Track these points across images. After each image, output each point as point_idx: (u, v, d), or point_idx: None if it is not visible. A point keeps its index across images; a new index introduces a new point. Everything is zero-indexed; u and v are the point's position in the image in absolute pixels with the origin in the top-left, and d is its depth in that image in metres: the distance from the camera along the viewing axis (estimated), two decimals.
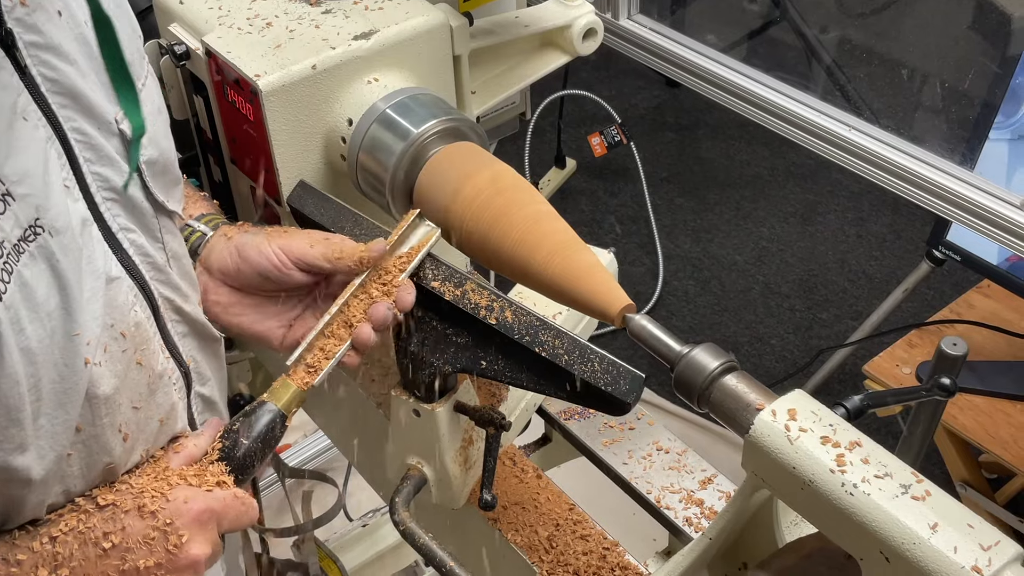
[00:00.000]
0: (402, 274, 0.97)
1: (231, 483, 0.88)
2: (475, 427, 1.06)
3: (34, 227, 0.71)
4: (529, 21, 1.28)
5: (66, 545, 0.79)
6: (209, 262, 1.02)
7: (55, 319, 0.72)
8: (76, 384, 0.75)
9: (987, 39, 1.90)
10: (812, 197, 3.59)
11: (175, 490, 0.84)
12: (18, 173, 0.70)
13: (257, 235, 1.01)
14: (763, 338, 3.09)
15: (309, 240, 0.98)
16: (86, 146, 0.78)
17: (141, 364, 0.84)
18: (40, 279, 0.71)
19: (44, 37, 0.74)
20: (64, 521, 0.80)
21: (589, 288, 0.93)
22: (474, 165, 1.04)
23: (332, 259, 0.96)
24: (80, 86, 0.77)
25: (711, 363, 0.86)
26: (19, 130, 0.71)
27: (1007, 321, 2.11)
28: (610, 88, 3.99)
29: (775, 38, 2.84)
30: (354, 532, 2.23)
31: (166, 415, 0.90)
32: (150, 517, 0.81)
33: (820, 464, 0.77)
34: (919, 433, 1.19)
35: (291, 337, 1.01)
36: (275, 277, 0.98)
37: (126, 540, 0.80)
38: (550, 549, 1.08)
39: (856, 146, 1.48)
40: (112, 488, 0.84)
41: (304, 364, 0.95)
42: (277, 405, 0.92)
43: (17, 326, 0.69)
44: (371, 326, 0.95)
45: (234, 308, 1.02)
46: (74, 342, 0.74)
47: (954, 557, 0.71)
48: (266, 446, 0.91)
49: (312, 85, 1.10)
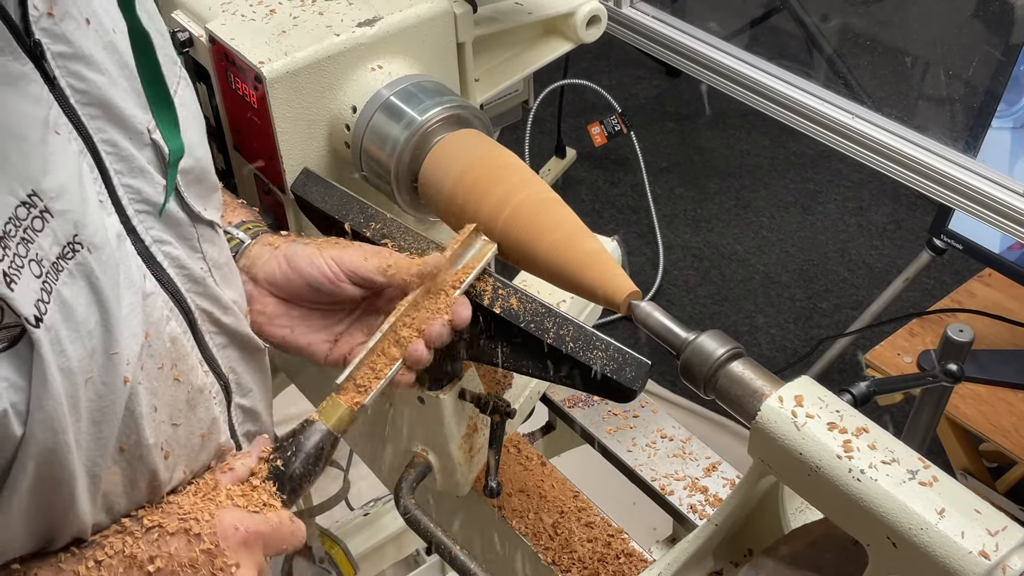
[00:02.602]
0: (457, 290, 0.93)
1: (279, 505, 0.85)
2: (480, 414, 1.06)
3: (72, 244, 0.69)
4: (533, 8, 1.27)
5: (111, 569, 0.77)
6: (255, 271, 0.99)
7: (95, 338, 0.71)
8: (114, 403, 0.73)
9: (990, 27, 1.89)
10: (812, 187, 3.58)
11: (221, 512, 0.81)
12: (56, 189, 0.68)
13: (308, 246, 0.98)
14: (763, 327, 3.09)
15: (363, 253, 0.95)
16: (117, 158, 0.76)
17: (179, 380, 0.82)
18: (79, 297, 0.69)
19: (73, 47, 0.71)
20: (110, 544, 0.78)
21: (594, 275, 0.93)
22: (478, 152, 1.04)
23: (387, 272, 0.94)
24: (111, 96, 0.75)
25: (717, 350, 0.86)
26: (52, 144, 0.69)
27: (1008, 310, 2.11)
28: (610, 78, 3.98)
29: (777, 26, 2.83)
30: (355, 520, 2.23)
31: (207, 430, 0.87)
32: (196, 540, 0.79)
33: (827, 450, 0.77)
34: (924, 419, 1.19)
35: (336, 352, 0.98)
36: (327, 289, 0.95)
37: (172, 564, 0.78)
38: (555, 536, 1.08)
39: (859, 134, 1.48)
40: (158, 508, 0.82)
41: (354, 383, 0.92)
42: (327, 424, 0.90)
43: (58, 347, 0.67)
44: (424, 343, 0.92)
45: (280, 320, 0.99)
46: (113, 360, 0.72)
47: (961, 542, 0.71)
48: (315, 466, 0.88)
49: (316, 72, 1.10)
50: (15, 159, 0.65)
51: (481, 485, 1.06)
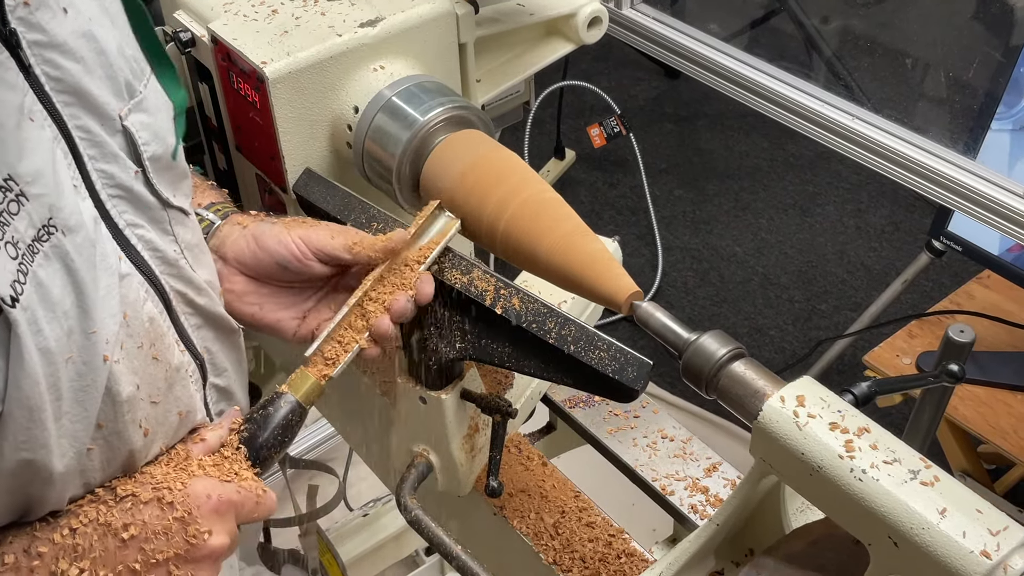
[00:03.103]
0: (421, 265, 0.96)
1: (251, 474, 0.87)
2: (481, 414, 1.06)
3: (47, 227, 0.71)
4: (534, 9, 1.28)
5: (86, 537, 0.78)
6: (224, 250, 1.01)
7: (71, 318, 0.72)
8: (95, 381, 0.75)
9: (990, 29, 1.90)
10: (811, 189, 3.59)
11: (194, 481, 0.83)
12: (31, 173, 0.70)
13: (275, 225, 1.00)
14: (762, 329, 3.09)
15: (329, 232, 0.97)
16: (90, 143, 0.78)
17: (157, 359, 0.84)
18: (55, 278, 0.71)
19: (48, 35, 0.73)
20: (84, 512, 0.79)
21: (596, 275, 0.93)
22: (480, 152, 1.04)
23: (352, 250, 0.96)
24: (85, 83, 0.77)
25: (719, 350, 0.86)
26: (27, 130, 0.71)
27: (1007, 312, 2.11)
28: (609, 79, 3.99)
29: (777, 28, 2.84)
30: (354, 522, 2.23)
31: (185, 408, 0.89)
32: (169, 508, 0.81)
33: (829, 450, 0.77)
34: (925, 420, 1.19)
35: (304, 328, 1.01)
36: (294, 267, 0.98)
37: (145, 531, 0.79)
38: (556, 536, 1.08)
39: (859, 135, 1.48)
40: (131, 478, 0.83)
41: (322, 356, 0.94)
42: (295, 396, 0.92)
43: (35, 327, 0.69)
44: (390, 318, 0.94)
45: (248, 297, 1.01)
46: (91, 340, 0.74)
47: (963, 542, 0.71)
48: (284, 436, 0.91)
49: (318, 72, 1.10)
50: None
51: (482, 485, 1.06)
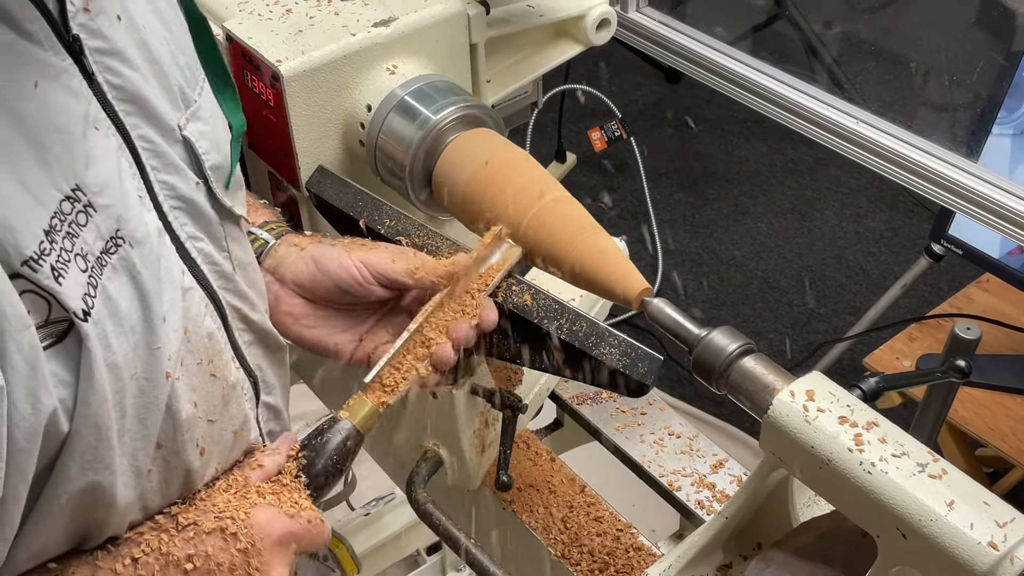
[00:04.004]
0: (483, 292, 0.94)
1: (309, 503, 0.85)
2: (491, 410, 1.08)
3: (115, 239, 0.69)
4: (544, 11, 1.29)
5: (148, 567, 0.76)
6: (281, 272, 0.99)
7: (138, 333, 0.71)
8: (157, 399, 0.73)
9: (991, 35, 1.91)
10: (810, 193, 3.60)
11: (256, 511, 0.81)
12: (98, 183, 0.68)
13: (335, 247, 0.98)
14: (761, 332, 3.11)
15: (390, 255, 0.96)
16: (152, 154, 0.76)
17: (215, 376, 0.82)
18: (123, 292, 0.70)
19: (108, 43, 0.72)
20: (145, 541, 0.78)
21: (608, 272, 0.94)
22: (492, 151, 1.06)
23: (415, 275, 0.94)
24: (144, 92, 0.75)
25: (729, 345, 0.88)
26: (93, 139, 0.69)
27: (1007, 315, 2.13)
28: (610, 83, 4.00)
29: (780, 33, 2.85)
30: (357, 520, 2.23)
31: (239, 427, 0.88)
32: (232, 540, 0.79)
33: (838, 443, 0.78)
34: (931, 417, 1.20)
35: (361, 351, 0.99)
36: (355, 291, 0.96)
37: (208, 564, 0.78)
38: (564, 530, 1.09)
39: (862, 137, 1.50)
40: (192, 506, 0.81)
41: (380, 382, 0.92)
42: (352, 422, 0.90)
43: (104, 341, 0.67)
44: (451, 345, 0.92)
45: (307, 320, 0.99)
46: (155, 356, 0.72)
47: (970, 533, 0.72)
48: (341, 463, 0.88)
49: (332, 71, 1.11)
50: (59, 153, 0.66)
51: (491, 480, 1.07)
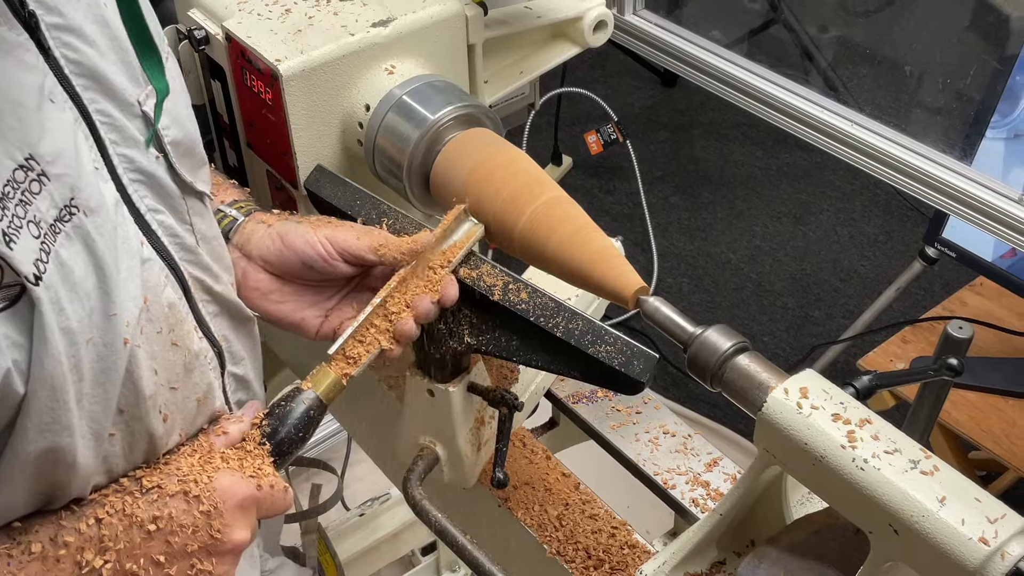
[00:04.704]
0: (445, 268, 0.97)
1: (272, 469, 0.88)
2: (487, 407, 1.08)
3: (69, 207, 0.71)
4: (541, 12, 1.30)
5: (112, 528, 0.79)
6: (248, 248, 1.02)
7: (93, 299, 0.73)
8: (116, 364, 0.75)
9: (985, 38, 1.93)
10: (805, 197, 3.62)
11: (219, 475, 0.84)
12: (52, 153, 0.70)
13: (301, 224, 1.01)
14: (756, 335, 3.12)
15: (355, 232, 0.98)
16: (111, 128, 0.79)
17: (176, 345, 0.84)
18: (77, 259, 0.72)
19: (65, 19, 0.74)
20: (109, 503, 0.80)
21: (604, 270, 0.95)
22: (489, 150, 1.06)
23: (378, 251, 0.96)
24: (102, 67, 0.78)
25: (724, 343, 0.89)
26: (48, 111, 0.71)
27: (999, 318, 2.14)
28: (606, 87, 4.01)
29: (775, 37, 2.87)
30: (351, 521, 2.24)
31: (203, 395, 0.90)
32: (195, 502, 0.81)
33: (831, 440, 0.79)
34: (923, 417, 1.21)
35: (327, 326, 1.01)
36: (320, 267, 0.98)
37: (171, 524, 0.80)
38: (559, 527, 1.10)
39: (857, 140, 1.50)
40: (156, 469, 0.84)
41: (344, 354, 0.95)
42: (316, 392, 0.92)
43: (57, 306, 0.69)
44: (413, 319, 0.95)
45: (273, 295, 1.02)
46: (112, 322, 0.74)
47: (962, 529, 0.73)
48: (304, 432, 0.91)
49: (331, 71, 1.12)
50: (13, 123, 0.68)
51: (486, 478, 1.08)
